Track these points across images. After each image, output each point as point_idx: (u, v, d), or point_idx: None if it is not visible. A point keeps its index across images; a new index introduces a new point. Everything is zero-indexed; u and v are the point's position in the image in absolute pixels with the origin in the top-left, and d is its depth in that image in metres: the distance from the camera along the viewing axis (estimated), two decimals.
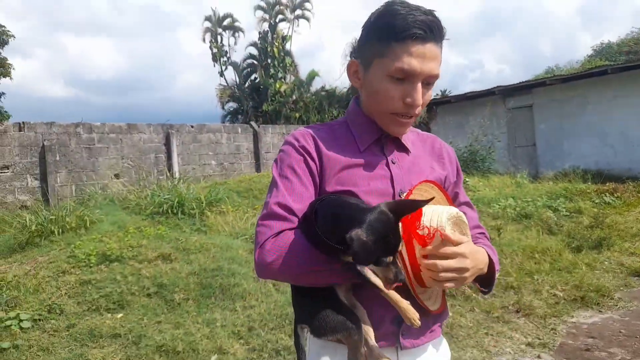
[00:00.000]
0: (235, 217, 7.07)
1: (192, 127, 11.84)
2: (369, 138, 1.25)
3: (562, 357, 3.65)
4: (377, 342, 1.12)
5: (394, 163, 1.25)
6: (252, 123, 13.45)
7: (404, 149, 1.30)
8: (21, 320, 4.10)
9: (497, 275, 1.26)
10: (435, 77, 1.16)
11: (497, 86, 13.89)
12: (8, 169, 9.24)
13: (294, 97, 18.85)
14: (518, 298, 4.73)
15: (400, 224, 1.03)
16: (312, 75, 19.65)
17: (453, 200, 1.34)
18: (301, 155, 1.20)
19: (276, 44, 19.63)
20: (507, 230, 7.00)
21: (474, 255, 1.11)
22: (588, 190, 9.39)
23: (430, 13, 1.13)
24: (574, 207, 8.19)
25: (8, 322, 4.05)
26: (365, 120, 1.27)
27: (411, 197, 1.15)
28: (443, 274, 1.05)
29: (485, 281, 1.23)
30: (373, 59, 1.17)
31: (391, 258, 0.99)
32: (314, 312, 1.11)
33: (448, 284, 1.07)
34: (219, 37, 20.90)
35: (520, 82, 14.06)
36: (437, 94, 23.01)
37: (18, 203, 9.27)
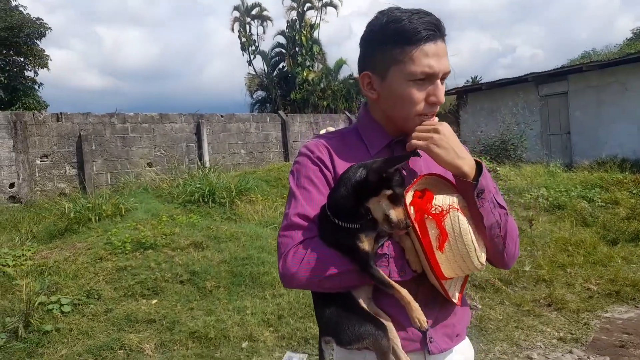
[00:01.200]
0: (265, 206, 7.16)
1: (221, 116, 11.98)
2: (380, 143, 1.28)
3: (595, 353, 3.59)
4: (404, 347, 1.14)
5: (403, 168, 1.25)
6: (280, 112, 13.51)
7: (414, 152, 1.30)
8: (62, 305, 4.29)
9: (496, 196, 1.19)
10: (449, 72, 1.20)
11: (530, 73, 13.48)
12: (47, 157, 9.60)
13: (322, 86, 18.80)
14: (550, 291, 4.65)
15: (411, 207, 1.15)
16: (340, 64, 19.54)
17: None
18: (317, 166, 1.24)
19: (304, 32, 19.56)
20: (539, 222, 6.86)
21: (456, 142, 1.17)
22: (625, 180, 9.06)
23: (429, 13, 1.18)
24: (610, 198, 7.93)
25: (50, 306, 4.24)
26: (376, 126, 1.30)
27: (414, 187, 1.20)
28: (419, 129, 1.17)
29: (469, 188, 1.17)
30: (389, 67, 1.19)
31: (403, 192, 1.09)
32: (337, 322, 1.14)
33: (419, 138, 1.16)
34: (247, 27, 20.99)
35: (554, 69, 13.62)
36: (468, 81, 22.54)
37: (57, 190, 9.63)
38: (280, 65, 21.39)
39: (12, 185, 9.11)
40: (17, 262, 5.47)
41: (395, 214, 1.07)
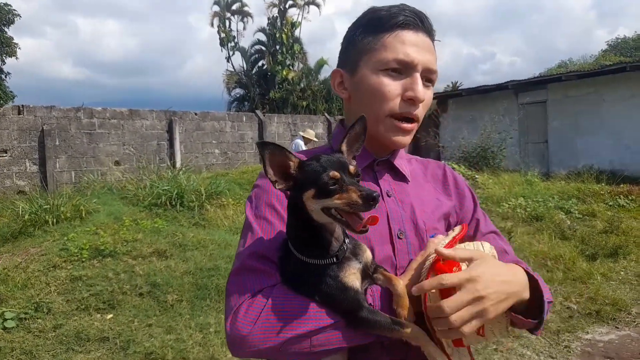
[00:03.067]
0: (236, 211, 6.84)
1: (195, 114, 11.56)
2: (359, 164, 1.00)
3: None
4: None
5: (389, 196, 1.05)
6: (258, 112, 13.15)
7: (401, 177, 1.10)
8: (5, 320, 3.90)
9: (548, 307, 0.95)
10: (434, 72, 1.03)
11: (511, 80, 13.48)
12: (6, 153, 9.05)
13: (302, 85, 18.52)
14: None
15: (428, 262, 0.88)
16: (321, 64, 19.29)
17: (474, 230, 1.11)
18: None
19: (285, 30, 19.22)
20: (518, 233, 6.72)
21: (494, 276, 0.84)
22: (601, 192, 9.07)
23: (415, 8, 1.03)
24: (587, 210, 7.89)
25: None
26: None
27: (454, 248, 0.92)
28: (454, 317, 0.79)
29: (530, 311, 0.93)
30: (360, 58, 1.02)
31: (336, 175, 0.80)
32: None
33: (467, 328, 0.80)
34: (227, 22, 20.52)
35: (534, 77, 13.69)
36: (448, 85, 22.60)
37: (16, 188, 9.09)
38: (260, 63, 21.00)
39: None
40: None
41: (332, 202, 0.78)
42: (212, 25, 20.62)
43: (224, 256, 5.19)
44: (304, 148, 10.28)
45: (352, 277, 0.84)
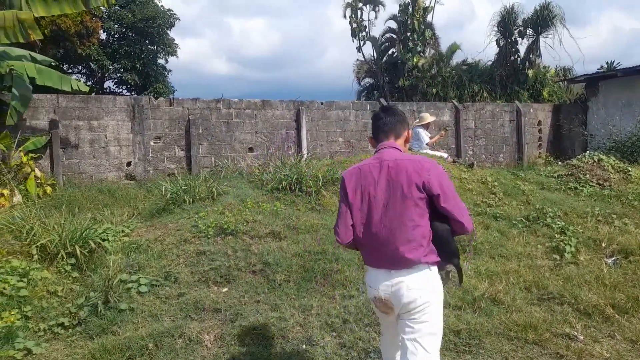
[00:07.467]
0: None
1: (321, 104, 11.88)
2: None
3: None
4: None
5: None
6: (382, 100, 12.99)
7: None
8: (140, 285, 4.46)
9: None
10: None
11: None
12: (160, 139, 10.31)
13: (433, 72, 17.83)
14: None
15: None
16: (454, 49, 18.33)
17: None
18: None
19: (417, 16, 18.64)
20: None
21: None
22: None
23: None
24: None
25: (129, 285, 4.44)
26: None
27: None
28: None
29: None
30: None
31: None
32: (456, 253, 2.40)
33: None
34: (359, 12, 20.58)
35: None
36: (602, 67, 19.84)
37: (167, 171, 10.33)
38: (390, 51, 20.70)
39: (129, 164, 9.96)
40: (116, 238, 5.87)
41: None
42: (344, 16, 20.88)
43: (332, 241, 5.26)
44: (426, 136, 9.90)
45: None
